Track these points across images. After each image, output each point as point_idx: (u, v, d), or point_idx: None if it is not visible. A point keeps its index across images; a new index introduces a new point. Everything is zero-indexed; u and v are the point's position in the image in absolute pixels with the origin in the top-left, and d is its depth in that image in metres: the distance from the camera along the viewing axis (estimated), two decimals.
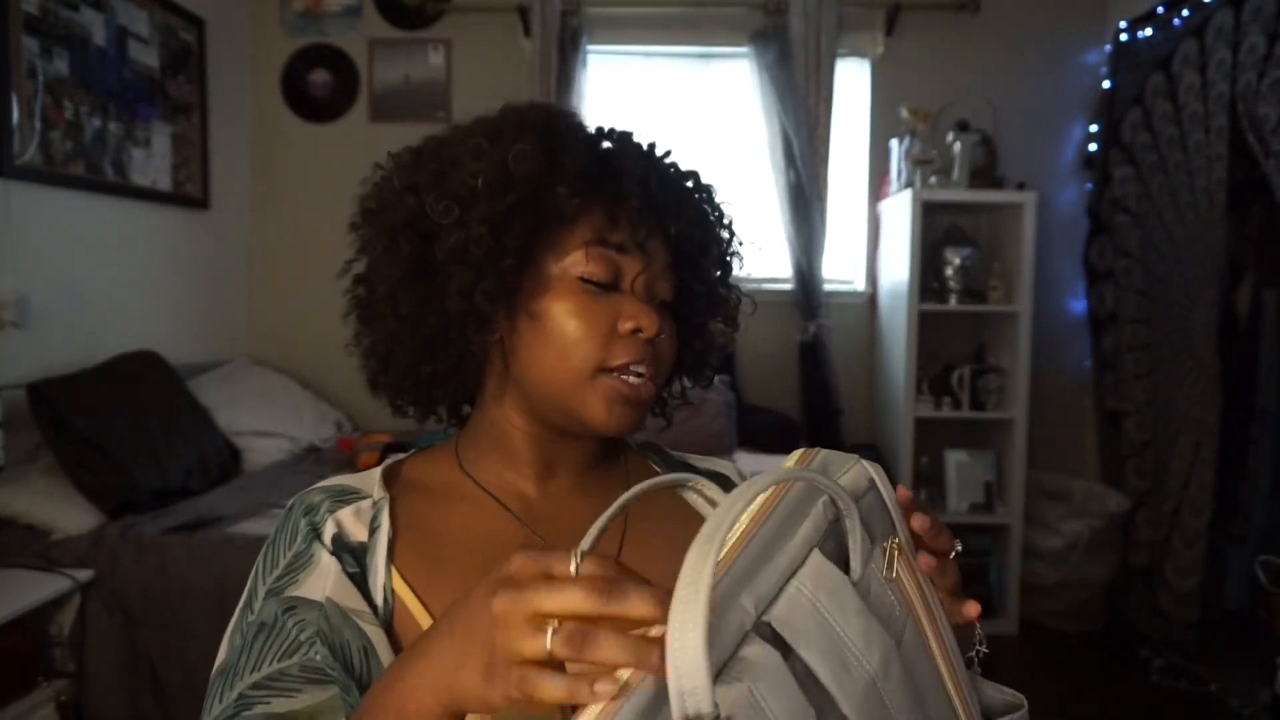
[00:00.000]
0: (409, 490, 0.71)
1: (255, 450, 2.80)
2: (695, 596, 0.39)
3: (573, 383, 0.66)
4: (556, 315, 0.66)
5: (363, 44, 3.48)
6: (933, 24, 3.42)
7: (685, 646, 0.39)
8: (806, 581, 0.48)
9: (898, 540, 0.54)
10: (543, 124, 0.67)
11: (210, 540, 2.04)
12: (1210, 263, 2.74)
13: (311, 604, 0.61)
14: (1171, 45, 2.88)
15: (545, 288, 0.67)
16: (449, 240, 0.65)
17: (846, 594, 0.49)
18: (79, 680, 1.97)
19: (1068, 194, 3.41)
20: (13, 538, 2.06)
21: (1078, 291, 3.42)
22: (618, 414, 0.67)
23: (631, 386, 0.67)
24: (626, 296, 0.67)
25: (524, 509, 0.71)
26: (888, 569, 0.53)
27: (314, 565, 0.63)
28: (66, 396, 2.16)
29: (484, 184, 0.64)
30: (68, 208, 2.47)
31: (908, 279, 3.03)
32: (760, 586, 0.47)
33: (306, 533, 0.65)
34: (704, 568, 0.40)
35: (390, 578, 0.64)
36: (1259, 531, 2.85)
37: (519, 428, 0.71)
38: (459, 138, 0.69)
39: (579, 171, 0.65)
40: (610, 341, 0.66)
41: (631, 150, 0.70)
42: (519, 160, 0.64)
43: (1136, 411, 3.10)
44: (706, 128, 3.46)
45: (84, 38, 2.52)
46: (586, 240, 0.67)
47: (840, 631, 0.47)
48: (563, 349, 0.66)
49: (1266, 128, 2.38)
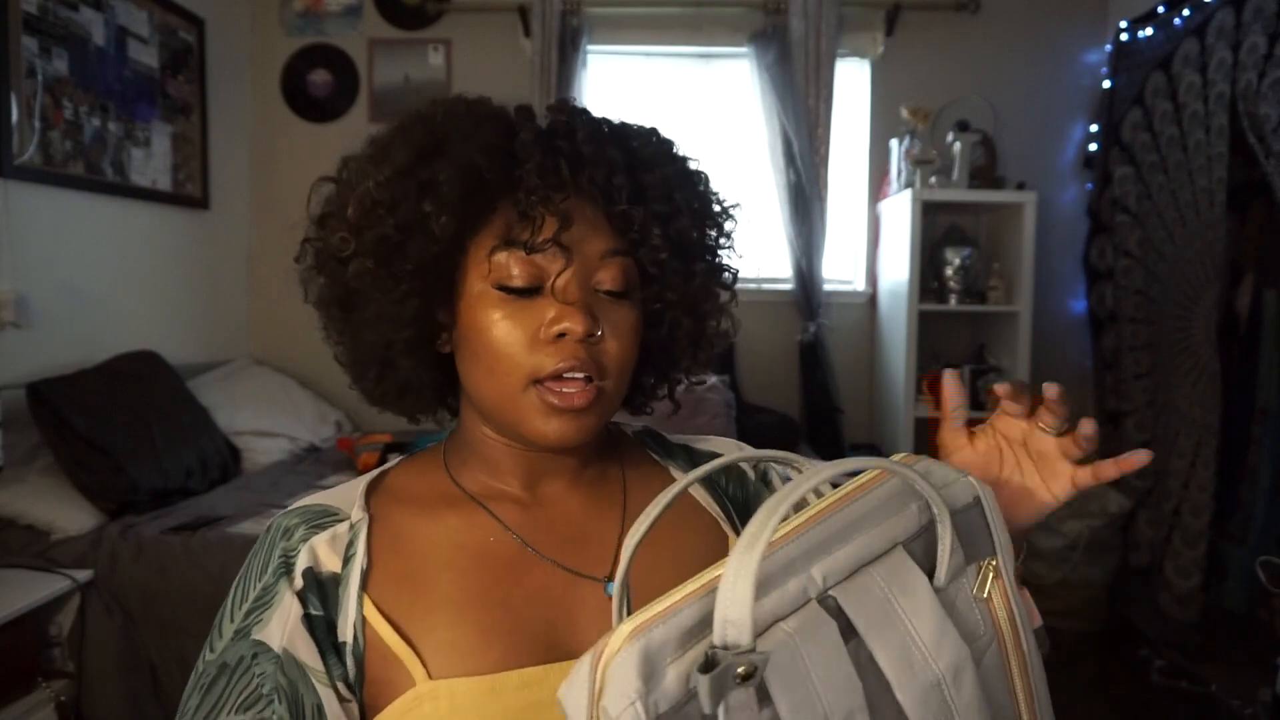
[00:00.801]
0: (393, 504, 0.68)
1: (255, 450, 2.80)
2: (753, 546, 0.42)
3: (506, 397, 0.63)
4: (480, 328, 0.62)
5: (363, 44, 3.48)
6: (933, 24, 3.42)
7: (736, 586, 0.41)
8: (882, 571, 0.48)
9: (995, 562, 0.53)
10: (439, 129, 0.63)
11: (210, 540, 2.04)
12: (1210, 263, 2.74)
13: (270, 653, 0.59)
14: (1172, 45, 2.88)
15: (469, 300, 0.63)
16: (351, 274, 0.63)
17: (924, 594, 0.48)
18: (79, 680, 1.97)
19: (1068, 194, 3.41)
20: (12, 538, 2.06)
21: (1078, 291, 3.42)
22: (556, 426, 0.62)
23: (564, 396, 0.61)
24: (549, 298, 0.62)
25: (515, 516, 0.68)
26: (979, 588, 0.52)
27: (278, 604, 0.60)
28: (66, 396, 2.16)
29: (357, 216, 0.62)
30: (67, 208, 2.47)
31: (908, 279, 3.03)
32: (833, 563, 0.47)
33: (278, 564, 0.62)
34: (768, 523, 0.42)
35: (361, 611, 0.61)
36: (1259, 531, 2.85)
37: (494, 439, 0.68)
38: (360, 159, 0.66)
39: (463, 176, 0.61)
40: (535, 349, 0.61)
41: (545, 130, 0.64)
42: (385, 187, 0.61)
43: (1136, 411, 3.10)
44: (706, 128, 3.47)
45: (84, 37, 2.52)
46: (493, 245, 0.62)
47: (909, 625, 0.47)
48: (490, 363, 0.62)
49: (1267, 127, 2.38)
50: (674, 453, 0.79)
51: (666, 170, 0.67)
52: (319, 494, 0.68)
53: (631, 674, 0.41)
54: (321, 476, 2.66)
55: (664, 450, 0.79)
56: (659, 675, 0.41)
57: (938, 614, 0.48)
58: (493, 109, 0.66)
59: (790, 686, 0.43)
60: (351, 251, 0.62)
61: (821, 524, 0.48)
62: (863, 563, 0.48)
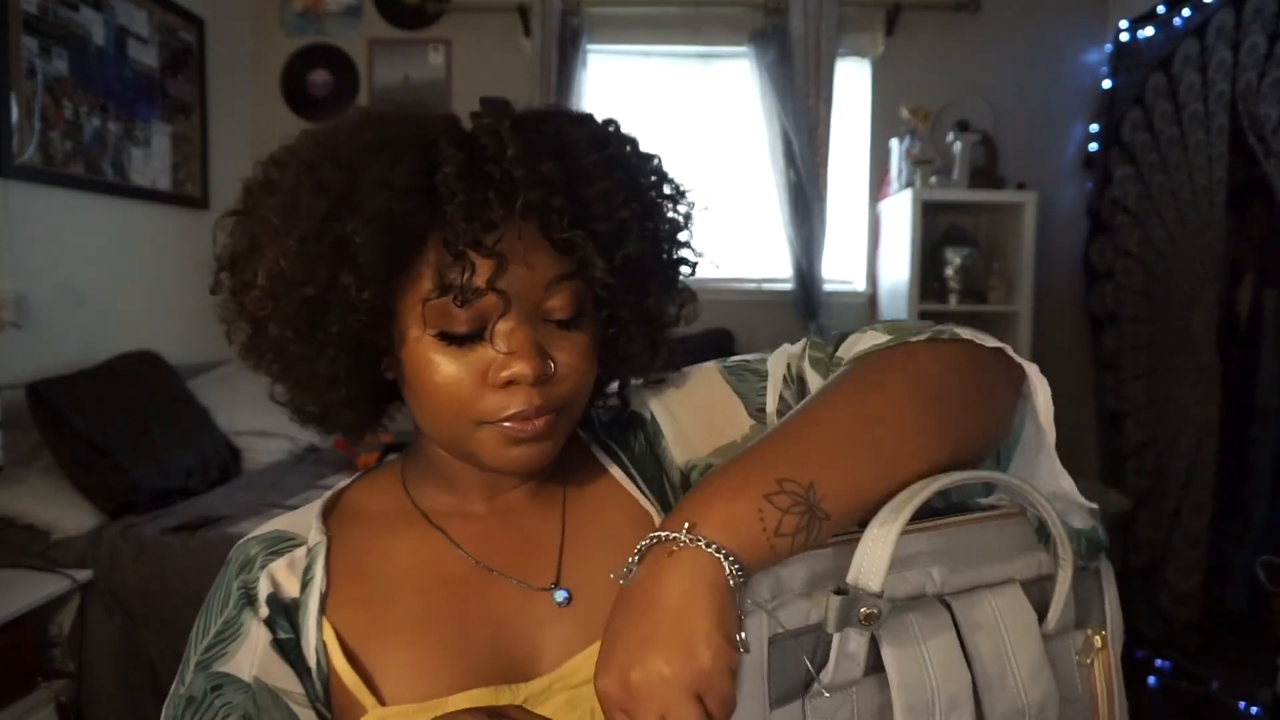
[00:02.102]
0: (350, 523, 0.66)
1: (255, 450, 2.80)
2: (901, 510, 0.47)
3: (457, 437, 0.59)
4: (422, 374, 0.58)
5: (363, 44, 3.48)
6: (933, 24, 3.41)
7: (878, 543, 0.46)
8: (997, 599, 0.50)
9: (1105, 634, 0.55)
10: (348, 168, 0.55)
11: (210, 540, 2.04)
12: (1210, 263, 2.74)
13: (238, 684, 0.58)
14: (1172, 45, 2.88)
15: (408, 343, 0.58)
16: (270, 336, 0.58)
17: (1030, 631, 0.50)
18: (79, 680, 1.97)
19: (1068, 194, 3.41)
20: (12, 538, 2.06)
21: (1078, 291, 3.42)
22: (517, 454, 0.59)
23: (525, 427, 0.57)
24: (489, 347, 0.57)
25: (470, 533, 0.66)
26: (1083, 653, 0.54)
27: (243, 636, 0.59)
28: (66, 396, 2.15)
29: (269, 284, 0.56)
30: (67, 207, 2.47)
31: (908, 279, 3.03)
32: (954, 573, 0.50)
33: (238, 597, 0.61)
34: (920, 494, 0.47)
35: (321, 635, 0.60)
36: (1259, 531, 2.85)
37: (448, 459, 0.65)
38: (276, 180, 0.59)
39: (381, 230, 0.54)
40: (484, 395, 0.57)
41: (470, 158, 0.56)
42: (296, 257, 0.55)
43: (1136, 411, 3.09)
44: (706, 128, 3.46)
45: (83, 37, 2.52)
46: (425, 295, 0.56)
47: (1011, 651, 0.49)
48: (436, 408, 0.58)
49: (1267, 127, 2.38)
50: (596, 430, 0.73)
51: (610, 181, 0.59)
52: (278, 519, 0.67)
53: (763, 587, 0.46)
54: (321, 476, 2.65)
55: (590, 429, 0.72)
56: (784, 600, 0.46)
57: (1039, 653, 0.50)
58: (408, 131, 0.57)
59: (903, 657, 0.46)
60: (268, 314, 0.57)
61: (952, 532, 0.51)
62: (980, 585, 0.50)
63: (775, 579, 0.46)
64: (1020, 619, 0.50)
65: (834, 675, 0.46)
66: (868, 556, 0.46)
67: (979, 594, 0.50)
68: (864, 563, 0.46)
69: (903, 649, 0.46)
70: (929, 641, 0.47)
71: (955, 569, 0.50)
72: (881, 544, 0.46)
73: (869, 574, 0.45)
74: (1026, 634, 0.50)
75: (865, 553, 0.46)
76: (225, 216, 0.62)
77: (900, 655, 0.46)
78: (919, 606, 0.48)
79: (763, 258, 3.50)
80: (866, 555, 0.46)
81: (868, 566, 0.46)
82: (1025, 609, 0.51)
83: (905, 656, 0.46)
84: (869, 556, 0.46)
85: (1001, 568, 0.51)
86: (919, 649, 0.46)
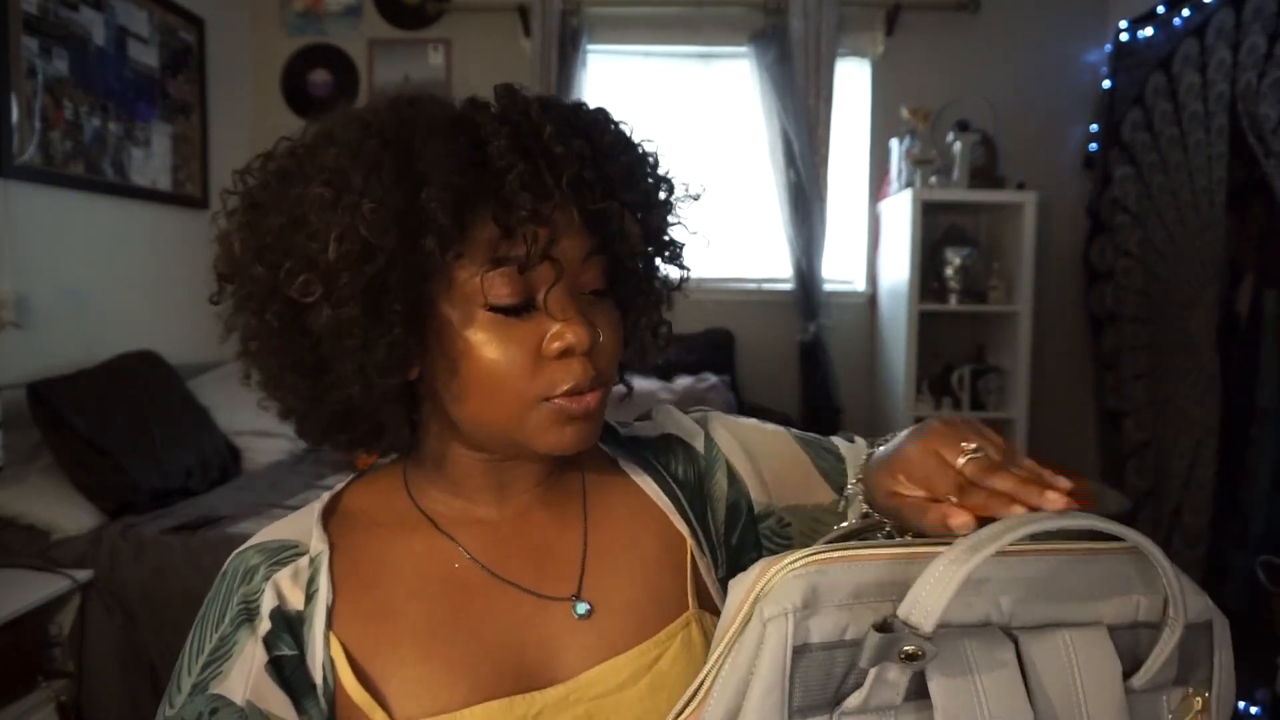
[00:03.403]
0: (352, 529, 0.63)
1: (255, 450, 2.80)
2: (978, 550, 0.42)
3: (511, 418, 0.58)
4: (473, 355, 0.57)
5: (363, 44, 3.48)
6: (933, 24, 3.41)
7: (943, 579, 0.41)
8: (1076, 640, 0.45)
9: (1207, 695, 0.49)
10: (397, 144, 0.56)
11: (210, 540, 2.04)
12: (1210, 263, 2.74)
13: (232, 707, 0.56)
14: (1172, 45, 2.88)
15: (453, 327, 0.57)
16: (319, 320, 0.55)
17: (1112, 685, 0.45)
18: (79, 680, 1.97)
19: (1068, 194, 3.41)
20: (12, 538, 2.06)
21: (1078, 291, 3.42)
22: (570, 433, 0.59)
23: (579, 403, 0.58)
24: (544, 315, 0.57)
25: (479, 539, 0.64)
26: (1177, 714, 0.48)
27: (239, 655, 0.57)
28: (66, 396, 2.15)
29: (338, 257, 0.53)
30: (67, 208, 2.47)
31: (908, 279, 3.03)
32: (1028, 606, 0.45)
33: (237, 613, 0.58)
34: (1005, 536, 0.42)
35: (329, 651, 0.58)
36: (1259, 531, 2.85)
37: (465, 455, 0.63)
38: (303, 166, 0.57)
39: (452, 199, 0.54)
40: (540, 369, 0.57)
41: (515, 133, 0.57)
42: (373, 222, 0.53)
43: (1136, 411, 3.10)
44: (706, 128, 3.46)
45: (84, 37, 2.52)
46: (481, 264, 0.56)
47: (1082, 699, 0.44)
48: (489, 390, 0.57)
49: (1266, 127, 2.38)
50: (624, 444, 0.73)
51: (629, 156, 0.62)
52: (274, 525, 0.64)
53: (796, 592, 0.42)
54: (321, 476, 2.65)
55: (615, 442, 0.73)
56: (818, 608, 0.42)
57: (1119, 704, 0.45)
58: (445, 112, 0.59)
59: (953, 688, 0.42)
60: (319, 297, 0.54)
61: (1038, 560, 0.46)
62: (1059, 623, 0.46)
63: (811, 587, 0.42)
64: (1100, 665, 0.45)
65: (868, 698, 0.42)
66: (926, 593, 0.41)
67: (1056, 633, 0.45)
68: (920, 599, 0.41)
69: (953, 679, 0.42)
70: (985, 674, 0.43)
71: (1030, 601, 0.45)
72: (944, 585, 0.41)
73: (922, 612, 0.41)
74: (1106, 689, 0.45)
75: (925, 589, 0.41)
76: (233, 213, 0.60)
77: (950, 685, 0.42)
78: (978, 634, 0.43)
79: (763, 258, 3.50)
80: (925, 592, 0.41)
81: (923, 604, 0.41)
82: (1108, 655, 0.45)
83: (956, 687, 0.42)
84: (928, 594, 0.41)
85: (1088, 607, 0.46)
86: (973, 680, 0.42)
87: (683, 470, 0.72)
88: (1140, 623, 0.47)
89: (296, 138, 0.60)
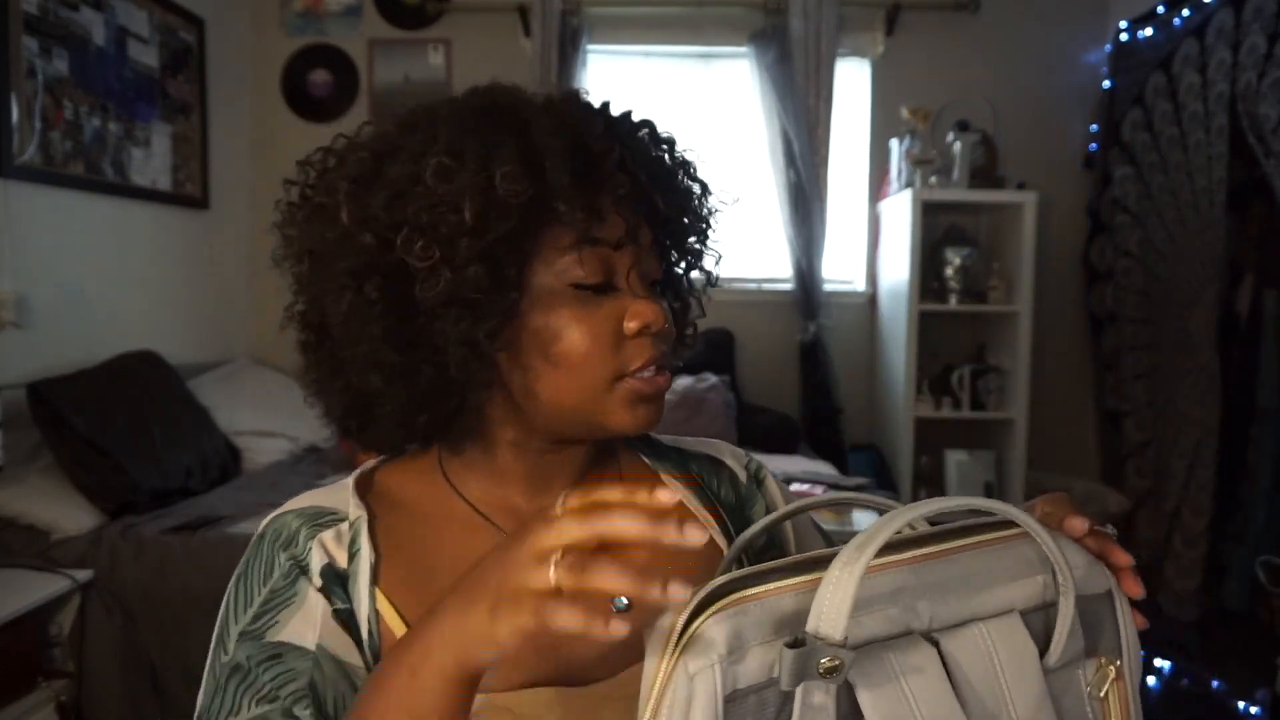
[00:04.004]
0: (388, 507, 0.65)
1: (255, 450, 2.80)
2: (864, 548, 0.42)
3: (589, 395, 0.61)
4: (557, 331, 0.60)
5: (363, 44, 3.47)
6: (933, 24, 3.41)
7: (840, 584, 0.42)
8: (993, 631, 0.46)
9: (1119, 664, 0.50)
10: (509, 119, 0.59)
11: (210, 540, 2.04)
12: (1210, 263, 2.74)
13: (301, 651, 0.57)
14: (1172, 45, 2.88)
15: (538, 302, 0.60)
16: (435, 285, 0.56)
17: (1031, 668, 0.47)
18: (79, 680, 1.97)
19: (1068, 194, 3.41)
20: (13, 538, 2.06)
21: (1078, 291, 3.42)
22: (641, 413, 0.62)
23: (652, 383, 0.62)
24: (626, 294, 0.61)
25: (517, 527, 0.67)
26: (1096, 686, 0.50)
27: (297, 604, 0.58)
28: (66, 396, 2.15)
29: (472, 215, 0.55)
30: (67, 208, 2.47)
31: (908, 279, 3.03)
32: (945, 607, 0.46)
33: (288, 568, 0.59)
34: (885, 529, 0.43)
35: (375, 605, 0.60)
36: (1259, 531, 2.85)
37: (512, 443, 0.65)
38: (401, 146, 0.59)
39: (571, 171, 0.57)
40: (620, 346, 0.61)
41: (610, 127, 0.62)
42: (509, 180, 0.55)
43: (1136, 411, 3.10)
44: (706, 128, 3.46)
45: (84, 37, 2.52)
46: (574, 242, 0.59)
47: (1007, 692, 0.45)
48: (573, 365, 0.60)
49: (1266, 127, 2.38)
50: (665, 455, 0.76)
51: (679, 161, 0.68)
52: (305, 495, 0.66)
53: (719, 640, 0.41)
54: (321, 476, 2.65)
55: (655, 453, 0.76)
56: (743, 652, 0.42)
57: (1040, 691, 0.46)
58: (542, 100, 0.64)
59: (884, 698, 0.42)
60: (437, 260, 0.56)
61: (942, 563, 0.47)
62: (975, 617, 0.47)
63: (733, 630, 0.42)
64: (1017, 650, 0.46)
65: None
66: (828, 602, 0.41)
67: (974, 628, 0.46)
68: (824, 609, 0.41)
69: (881, 690, 0.42)
70: (912, 681, 0.43)
71: (946, 600, 0.46)
72: (842, 587, 0.41)
73: (830, 621, 0.41)
74: (1025, 668, 0.46)
75: (825, 598, 0.42)
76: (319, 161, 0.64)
77: (880, 697, 0.42)
78: (897, 645, 0.44)
79: (763, 258, 3.50)
80: (827, 601, 0.41)
81: (828, 613, 0.41)
82: (1023, 641, 0.47)
83: (886, 698, 0.42)
84: (829, 602, 0.41)
85: (999, 596, 0.47)
86: (901, 689, 0.43)
87: (724, 491, 0.75)
88: (1048, 602, 0.49)
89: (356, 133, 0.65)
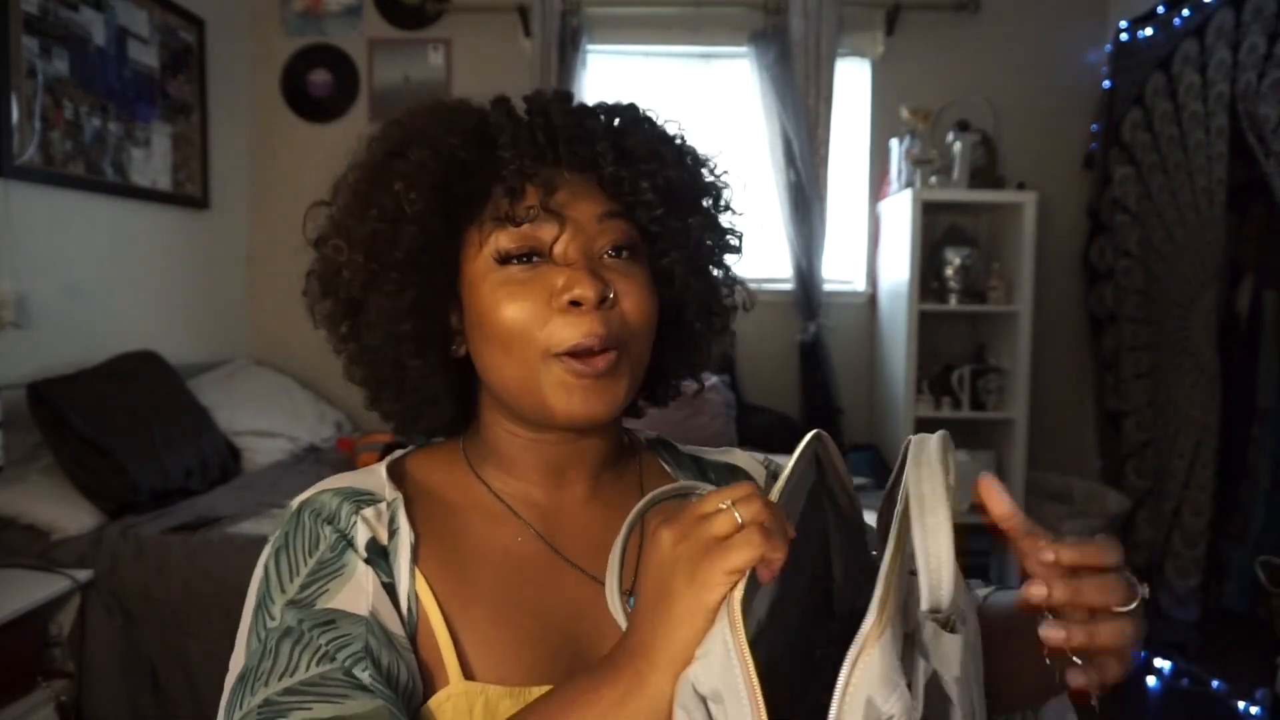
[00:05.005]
0: (419, 492, 0.66)
1: (255, 450, 2.80)
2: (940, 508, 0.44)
3: (526, 375, 0.60)
4: (487, 308, 0.61)
5: (363, 44, 3.47)
6: (933, 24, 3.41)
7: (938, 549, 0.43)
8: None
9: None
10: (397, 130, 0.65)
11: (210, 540, 2.04)
12: (1210, 263, 2.74)
13: (355, 618, 0.56)
14: (1172, 45, 2.88)
15: (472, 285, 0.63)
16: (346, 280, 0.63)
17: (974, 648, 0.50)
18: (79, 680, 1.97)
19: (1068, 194, 3.40)
20: (13, 538, 2.06)
21: (1078, 291, 3.42)
22: (579, 400, 0.60)
23: (586, 363, 0.59)
24: (551, 264, 0.61)
25: (539, 520, 0.67)
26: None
27: (347, 575, 0.58)
28: (66, 396, 2.15)
29: (343, 215, 0.63)
30: (67, 208, 2.47)
31: (908, 279, 3.03)
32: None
33: (335, 540, 0.60)
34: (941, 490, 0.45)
35: (414, 584, 0.60)
36: (1259, 531, 2.85)
37: (517, 435, 0.66)
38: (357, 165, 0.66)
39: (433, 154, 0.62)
40: (550, 319, 0.59)
41: (508, 110, 0.66)
42: (359, 182, 0.63)
43: (1136, 411, 3.10)
44: (706, 128, 3.46)
45: (84, 38, 2.52)
46: (489, 223, 0.62)
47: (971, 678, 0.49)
48: (504, 341, 0.61)
49: (1266, 128, 2.38)
50: (684, 463, 0.76)
51: (649, 132, 0.68)
52: (339, 477, 0.66)
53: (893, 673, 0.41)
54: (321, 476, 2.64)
55: (675, 461, 0.76)
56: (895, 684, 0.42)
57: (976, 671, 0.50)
58: (466, 103, 0.67)
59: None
60: (345, 256, 0.62)
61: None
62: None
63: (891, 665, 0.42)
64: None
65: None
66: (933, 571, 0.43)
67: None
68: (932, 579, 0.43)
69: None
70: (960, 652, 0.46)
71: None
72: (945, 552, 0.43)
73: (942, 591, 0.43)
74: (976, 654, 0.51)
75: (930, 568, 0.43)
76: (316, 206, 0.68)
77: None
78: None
79: (763, 258, 3.50)
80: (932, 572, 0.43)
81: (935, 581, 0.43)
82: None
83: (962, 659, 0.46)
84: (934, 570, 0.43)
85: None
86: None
87: None
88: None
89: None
